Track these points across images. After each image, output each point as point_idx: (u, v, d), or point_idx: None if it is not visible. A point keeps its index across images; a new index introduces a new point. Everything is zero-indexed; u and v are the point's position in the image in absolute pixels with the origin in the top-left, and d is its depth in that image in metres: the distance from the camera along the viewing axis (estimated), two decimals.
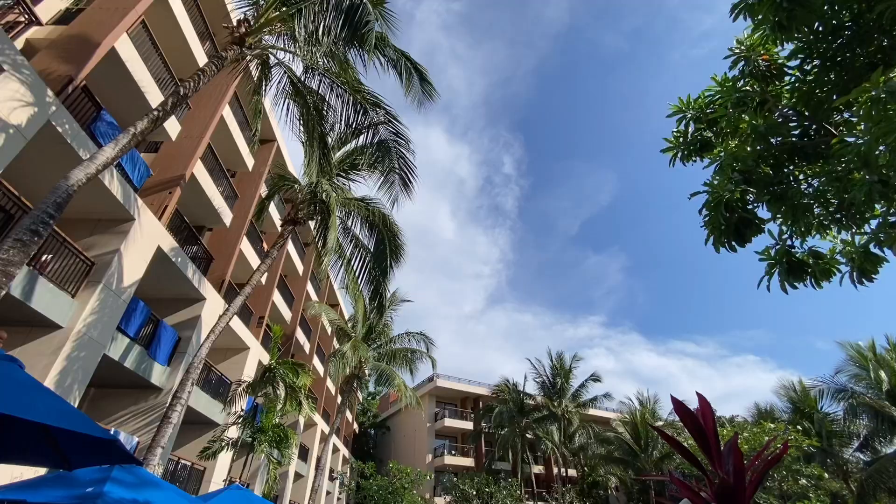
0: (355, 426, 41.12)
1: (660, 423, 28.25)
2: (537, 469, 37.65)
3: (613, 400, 36.31)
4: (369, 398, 48.26)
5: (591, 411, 36.81)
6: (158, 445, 9.00)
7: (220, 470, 15.02)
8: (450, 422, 38.93)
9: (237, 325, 16.71)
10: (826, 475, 19.02)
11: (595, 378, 36.27)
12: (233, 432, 14.42)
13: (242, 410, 14.52)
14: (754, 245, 4.84)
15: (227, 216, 16.37)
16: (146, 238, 11.22)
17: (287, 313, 23.12)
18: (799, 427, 21.37)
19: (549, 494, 32.21)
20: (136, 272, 10.94)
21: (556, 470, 36.33)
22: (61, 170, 7.25)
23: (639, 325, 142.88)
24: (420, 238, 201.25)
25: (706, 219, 4.71)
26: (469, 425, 39.75)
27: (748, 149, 4.65)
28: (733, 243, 4.64)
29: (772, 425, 19.54)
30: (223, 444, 13.39)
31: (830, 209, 4.74)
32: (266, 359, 16.16)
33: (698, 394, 2.44)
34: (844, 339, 21.54)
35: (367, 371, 23.77)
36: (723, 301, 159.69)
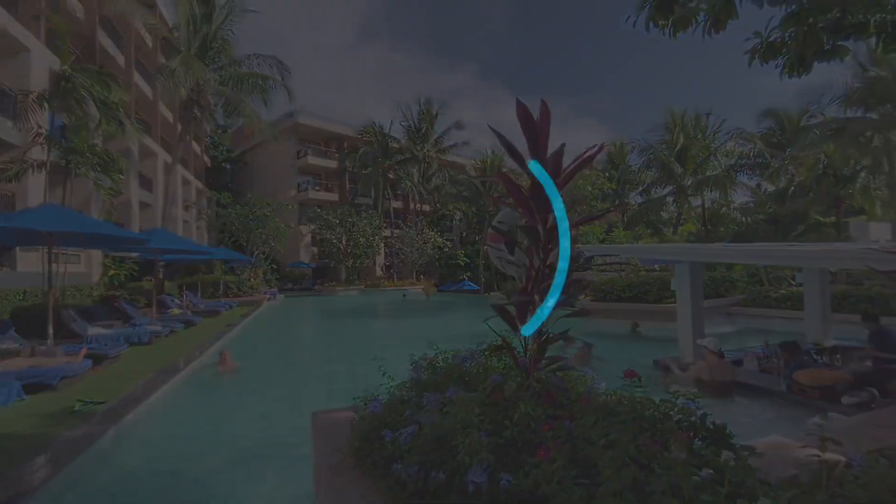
0: (206, 160, 38.46)
1: (505, 169, 32.28)
2: (396, 204, 42.17)
3: (471, 148, 39.51)
4: (220, 131, 43.91)
5: (450, 157, 39.92)
6: None
7: (33, 195, 13.19)
8: (313, 160, 38.85)
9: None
10: (611, 210, 25.10)
11: (458, 126, 38.02)
12: (38, 153, 12.15)
13: (43, 129, 11.88)
14: None
15: None
16: None
17: (77, 5, 17.04)
18: (607, 175, 26.63)
19: (404, 224, 37.27)
20: None
21: (412, 205, 41.22)
22: None
23: (510, 78, 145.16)
24: None
25: None
26: (333, 164, 40.42)
27: None
28: None
29: (587, 171, 23.91)
30: (25, 165, 11.33)
31: None
32: (58, 66, 12.45)
33: (542, 100, 2.38)
34: (671, 105, 25.33)
35: (209, 98, 20.72)
36: (591, 61, 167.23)
